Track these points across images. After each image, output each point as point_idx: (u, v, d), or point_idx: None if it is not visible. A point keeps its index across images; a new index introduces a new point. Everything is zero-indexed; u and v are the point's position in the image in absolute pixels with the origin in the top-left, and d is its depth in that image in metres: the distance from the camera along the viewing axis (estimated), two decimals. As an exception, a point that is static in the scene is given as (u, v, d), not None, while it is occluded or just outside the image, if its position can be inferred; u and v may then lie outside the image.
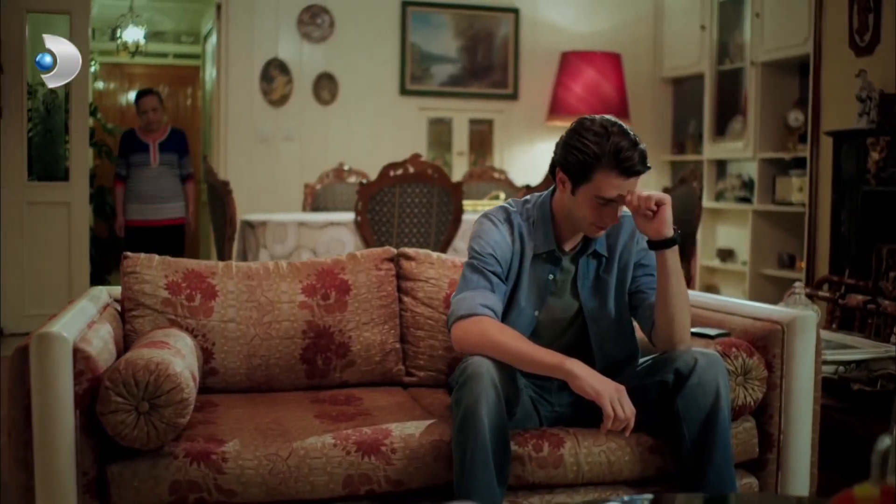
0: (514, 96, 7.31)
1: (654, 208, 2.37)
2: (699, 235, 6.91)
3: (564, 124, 7.03)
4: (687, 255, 5.39)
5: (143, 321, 2.79)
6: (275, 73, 6.93)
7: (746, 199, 6.55)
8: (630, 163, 2.37)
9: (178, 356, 2.38)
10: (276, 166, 6.87)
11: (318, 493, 2.33)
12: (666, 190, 5.73)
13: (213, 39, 7.30)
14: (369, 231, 4.65)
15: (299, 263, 3.03)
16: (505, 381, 2.31)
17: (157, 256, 2.93)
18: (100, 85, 10.51)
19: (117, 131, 7.59)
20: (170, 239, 6.20)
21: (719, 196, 6.88)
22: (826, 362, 3.13)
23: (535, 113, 7.21)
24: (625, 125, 2.46)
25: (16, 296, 6.15)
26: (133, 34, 8.18)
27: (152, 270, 2.85)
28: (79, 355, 2.20)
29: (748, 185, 6.59)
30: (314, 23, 6.97)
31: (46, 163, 6.85)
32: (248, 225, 4.93)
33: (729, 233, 6.92)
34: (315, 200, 5.93)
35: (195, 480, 2.25)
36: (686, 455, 2.41)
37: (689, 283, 5.37)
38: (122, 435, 2.18)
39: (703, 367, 2.38)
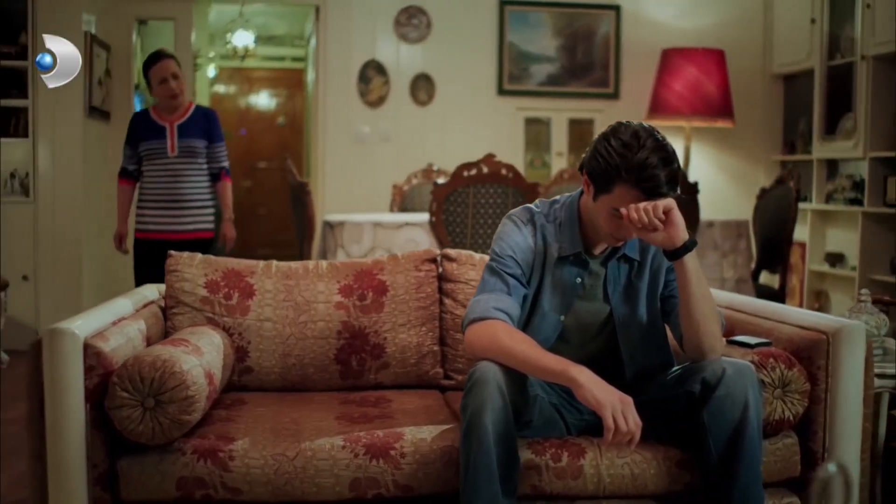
0: (614, 95, 7.15)
1: (663, 217, 2.23)
2: (807, 239, 6.62)
3: (664, 124, 6.85)
4: (782, 260, 5.14)
5: (182, 318, 2.84)
6: (372, 75, 6.98)
7: (857, 201, 6.20)
8: (653, 182, 2.21)
9: (195, 354, 2.40)
10: (372, 167, 6.92)
11: (325, 496, 2.31)
12: (763, 191, 5.48)
13: (313, 42, 7.41)
14: (443, 232, 4.62)
15: (339, 263, 3.03)
16: (513, 388, 2.23)
17: (199, 255, 2.99)
18: (221, 89, 10.87)
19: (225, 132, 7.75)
20: None
21: (829, 198, 6.55)
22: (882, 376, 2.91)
23: (637, 112, 7.01)
24: (663, 139, 2.27)
25: (118, 293, 6.38)
26: (243, 38, 8.38)
27: (193, 269, 2.90)
28: (89, 351, 2.25)
29: (859, 185, 6.24)
30: (411, 24, 6.99)
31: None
32: (328, 225, 4.97)
33: (838, 236, 6.57)
34: (403, 201, 5.94)
35: (201, 477, 2.27)
36: (711, 470, 2.28)
37: (784, 290, 5.13)
38: (129, 430, 2.22)
39: (731, 378, 2.25)
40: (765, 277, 5.65)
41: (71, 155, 6.04)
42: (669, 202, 2.24)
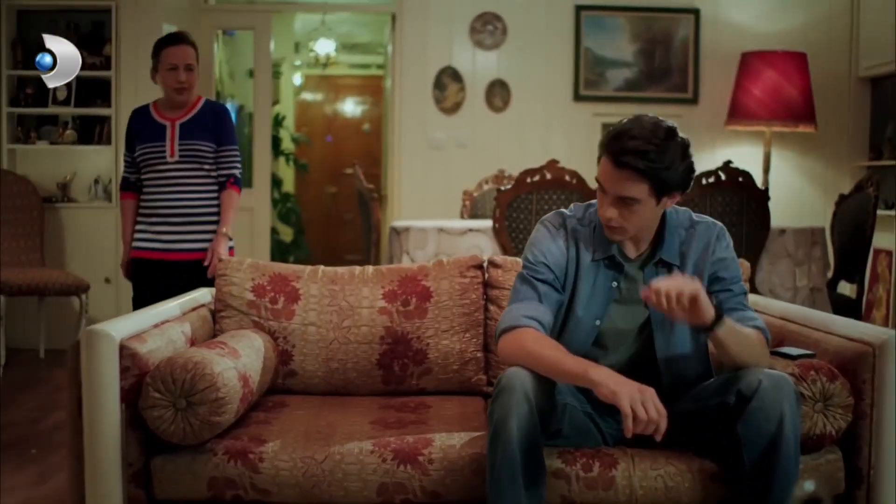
0: (693, 101, 7.01)
1: (686, 305, 2.16)
2: (895, 248, 6.37)
3: (744, 129, 6.70)
4: (860, 269, 4.97)
5: (230, 322, 2.90)
6: (447, 81, 7.00)
7: (947, 209, 5.96)
8: (617, 148, 2.24)
9: (230, 356, 2.45)
10: (447, 173, 6.93)
11: (352, 499, 2.33)
12: (842, 198, 5.30)
13: (389, 49, 7.47)
14: (506, 238, 4.60)
15: (385, 269, 3.05)
16: (541, 395, 2.21)
17: (248, 259, 3.04)
18: (308, 97, 11.05)
19: (302, 139, 7.88)
20: (196, 283, 3.39)
21: (918, 205, 6.30)
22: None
23: (717, 118, 6.88)
24: (656, 122, 2.27)
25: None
26: (324, 46, 8.51)
27: (241, 273, 2.96)
28: (125, 352, 2.31)
29: (949, 192, 5.99)
30: (486, 30, 6.98)
31: (233, 170, 7.27)
32: (395, 231, 5.01)
33: (927, 246, 6.31)
34: (473, 207, 5.94)
35: (232, 478, 2.31)
36: (744, 484, 2.21)
37: (862, 300, 4.95)
38: (161, 430, 2.27)
39: (766, 390, 2.19)
40: (845, 287, 5.46)
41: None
42: (695, 289, 2.16)
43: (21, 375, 5.42)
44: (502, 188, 4.67)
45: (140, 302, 3.67)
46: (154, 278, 3.80)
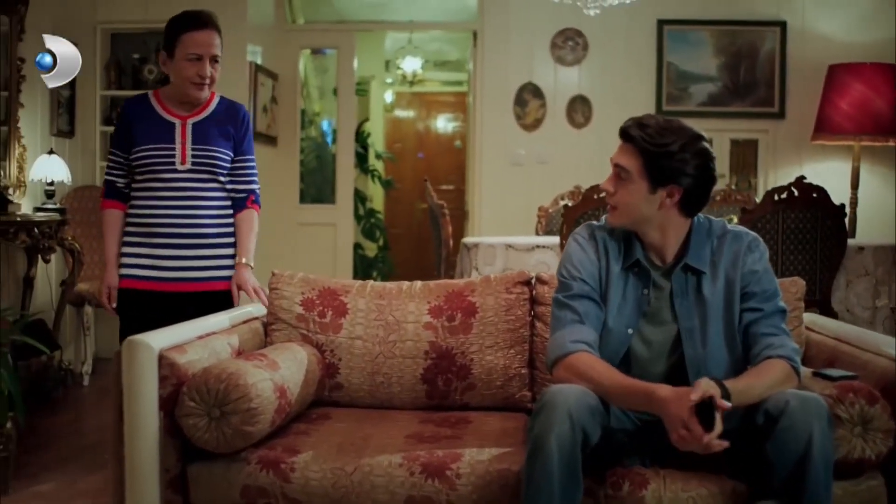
0: (780, 115, 6.86)
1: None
2: None
3: (830, 144, 6.52)
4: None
5: (279, 335, 2.98)
6: (528, 97, 7.01)
7: None
8: (627, 123, 2.39)
9: (269, 368, 2.51)
10: (527, 189, 6.93)
11: (380, 511, 2.36)
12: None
13: (471, 66, 7.53)
14: (573, 254, 4.57)
15: (433, 284, 3.08)
16: (583, 412, 2.19)
17: (300, 273, 3.12)
18: (400, 113, 11.20)
19: (386, 156, 7.99)
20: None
21: None
22: None
23: (804, 132, 6.71)
24: (675, 119, 2.39)
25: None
26: (411, 64, 8.63)
27: (292, 287, 3.03)
28: (164, 362, 2.40)
29: None
30: (567, 46, 6.98)
31: (318, 187, 7.42)
32: (465, 247, 5.04)
33: None
34: (548, 223, 5.92)
35: (264, 487, 2.37)
36: (773, 508, 2.16)
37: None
38: (196, 437, 2.35)
39: (794, 410, 2.14)
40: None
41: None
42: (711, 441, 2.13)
43: (107, 383, 5.61)
44: (570, 204, 4.65)
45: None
46: (149, 313, 2.98)
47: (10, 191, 5.17)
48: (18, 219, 4.85)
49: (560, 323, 2.42)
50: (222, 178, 3.20)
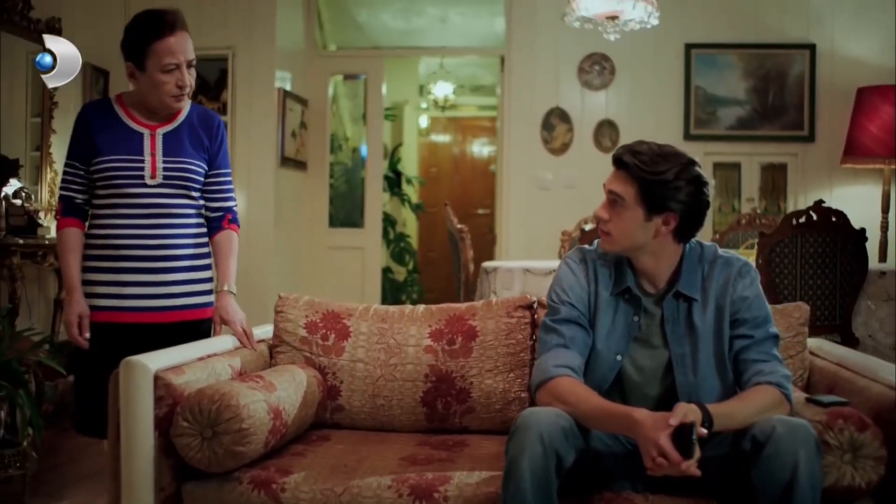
0: (809, 138, 6.80)
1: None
2: None
3: (860, 167, 6.44)
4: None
5: (283, 357, 3.02)
6: (555, 122, 7.03)
7: None
8: (620, 150, 2.39)
9: (264, 390, 2.55)
10: (555, 213, 6.93)
11: (368, 533, 2.37)
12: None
13: (499, 90, 7.57)
14: (590, 278, 4.58)
15: (434, 308, 3.10)
16: (556, 435, 2.20)
17: (305, 297, 3.16)
18: (436, 138, 11.28)
19: (417, 180, 8.05)
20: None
21: None
22: None
23: (834, 155, 6.66)
24: (668, 145, 2.38)
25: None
26: (443, 89, 8.70)
27: (296, 310, 3.08)
28: (159, 382, 2.44)
29: None
30: (594, 70, 6.99)
31: (347, 211, 7.50)
32: (485, 271, 5.06)
33: None
34: (571, 247, 5.92)
35: (255, 507, 2.40)
36: (759, 535, 2.15)
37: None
38: (189, 457, 2.39)
39: (780, 436, 2.12)
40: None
41: (264, 201, 6.47)
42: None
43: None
44: (587, 228, 4.66)
45: (86, 393, 2.85)
46: (112, 346, 2.73)
47: (42, 215, 5.30)
48: (47, 242, 4.97)
49: (545, 347, 2.43)
50: (195, 194, 2.92)
